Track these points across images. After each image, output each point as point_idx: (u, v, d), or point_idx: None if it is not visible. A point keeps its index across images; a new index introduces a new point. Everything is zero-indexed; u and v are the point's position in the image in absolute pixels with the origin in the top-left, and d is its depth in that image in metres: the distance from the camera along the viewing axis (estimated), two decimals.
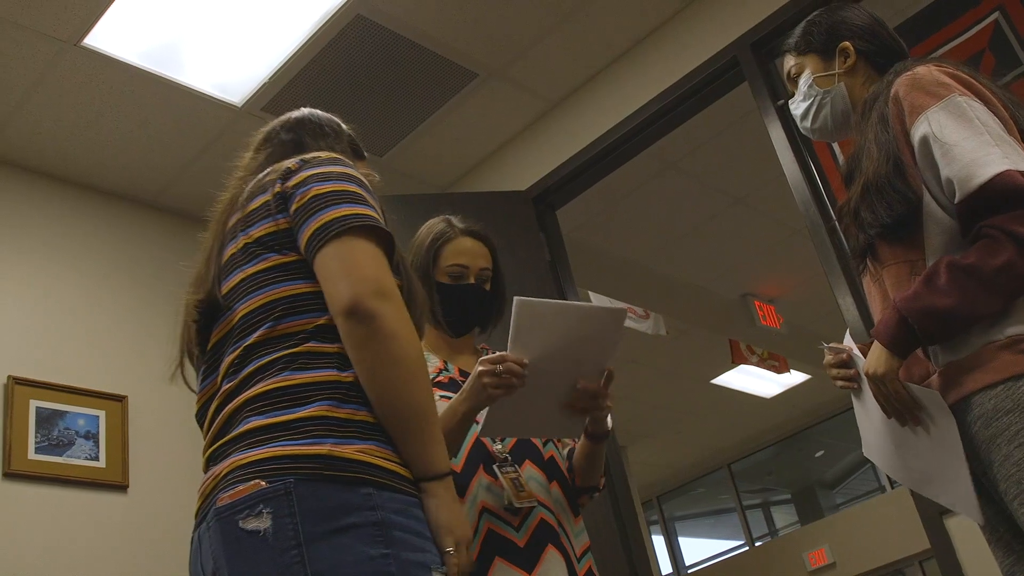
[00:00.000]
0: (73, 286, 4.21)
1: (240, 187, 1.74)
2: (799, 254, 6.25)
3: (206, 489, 1.50)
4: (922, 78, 1.83)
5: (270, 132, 1.87)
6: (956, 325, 1.70)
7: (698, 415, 9.74)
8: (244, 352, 1.53)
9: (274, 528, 1.36)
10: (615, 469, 3.97)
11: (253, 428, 1.46)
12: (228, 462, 1.46)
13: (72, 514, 3.72)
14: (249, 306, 1.56)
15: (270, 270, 1.57)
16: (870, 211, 1.83)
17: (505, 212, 4.30)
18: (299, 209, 1.57)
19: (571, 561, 2.01)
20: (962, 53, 3.25)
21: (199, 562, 1.48)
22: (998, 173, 1.66)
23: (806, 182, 3.50)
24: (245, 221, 1.63)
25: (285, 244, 1.58)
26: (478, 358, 2.25)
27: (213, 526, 1.42)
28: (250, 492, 1.39)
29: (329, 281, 1.50)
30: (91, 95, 3.96)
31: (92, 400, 3.95)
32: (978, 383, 1.69)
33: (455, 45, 4.12)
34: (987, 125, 1.73)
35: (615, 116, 4.31)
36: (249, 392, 1.50)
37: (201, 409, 1.63)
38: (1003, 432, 1.65)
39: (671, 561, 12.48)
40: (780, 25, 3.69)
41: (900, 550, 9.69)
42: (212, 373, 1.61)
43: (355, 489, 1.39)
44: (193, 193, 4.61)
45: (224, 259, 1.64)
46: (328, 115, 1.90)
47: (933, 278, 1.70)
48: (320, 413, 1.45)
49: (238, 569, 1.38)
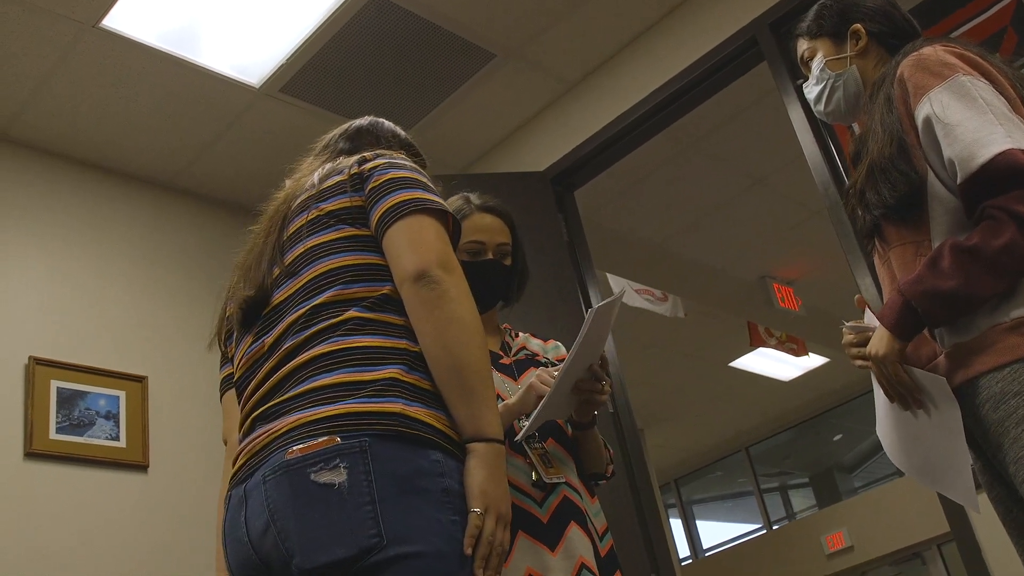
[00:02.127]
0: (93, 268, 4.23)
1: (298, 184, 1.80)
2: (818, 236, 6.22)
3: (257, 445, 1.51)
4: (927, 58, 1.81)
5: (329, 140, 1.95)
6: (960, 307, 1.69)
7: (716, 398, 9.74)
8: (312, 311, 1.57)
9: (350, 483, 1.39)
10: (634, 452, 3.97)
11: (323, 386, 1.49)
12: (292, 418, 1.48)
13: (93, 494, 3.75)
14: (318, 269, 1.61)
15: (342, 240, 1.63)
16: (875, 192, 1.82)
17: (523, 193, 4.30)
18: (375, 189, 1.65)
19: (594, 540, 2.02)
20: (984, 31, 3.22)
21: (242, 516, 1.49)
22: (1000, 152, 1.64)
23: (825, 162, 3.48)
24: (319, 196, 1.70)
25: (358, 219, 1.65)
26: (501, 337, 2.27)
27: (279, 479, 1.43)
28: (326, 447, 1.41)
29: (398, 251, 1.58)
30: (109, 77, 3.97)
31: (113, 380, 3.98)
32: (985, 365, 1.68)
33: (473, 26, 4.11)
34: (991, 104, 1.72)
35: (633, 97, 4.29)
36: (316, 350, 1.53)
37: (248, 371, 1.65)
38: (1012, 414, 1.64)
39: (689, 544, 12.50)
40: (799, 5, 3.66)
41: (918, 533, 9.68)
42: (264, 335, 1.63)
43: (426, 453, 1.44)
44: (212, 175, 4.62)
45: (288, 235, 1.69)
46: (391, 126, 1.99)
47: (937, 260, 1.69)
48: (391, 375, 1.49)
49: (307, 520, 1.39)
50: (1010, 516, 1.82)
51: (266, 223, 1.77)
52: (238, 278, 1.74)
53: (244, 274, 1.72)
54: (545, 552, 1.93)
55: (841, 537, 10.56)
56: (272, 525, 1.43)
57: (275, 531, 1.42)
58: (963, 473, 1.71)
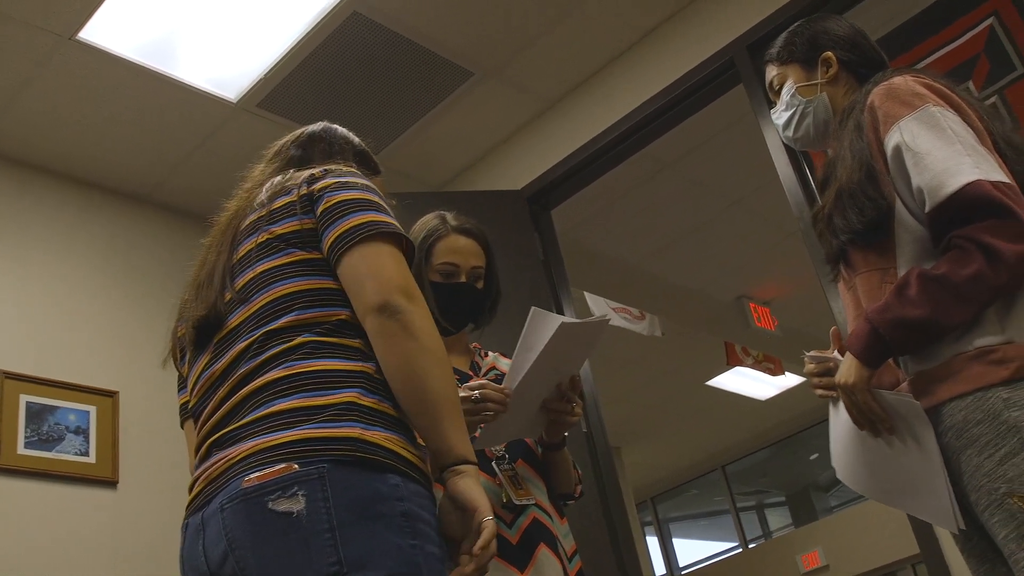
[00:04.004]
0: (66, 281, 4.20)
1: (248, 196, 1.77)
2: (794, 257, 6.23)
3: (214, 472, 1.49)
4: (898, 88, 1.84)
5: (280, 147, 1.91)
6: (927, 335, 1.70)
7: (693, 416, 9.74)
8: (265, 336, 1.55)
9: (308, 511, 1.37)
10: (607, 471, 3.96)
11: (279, 411, 1.47)
12: (249, 444, 1.46)
13: (61, 509, 3.71)
14: (272, 295, 1.58)
15: (294, 264, 1.60)
16: (842, 217, 1.84)
17: (499, 211, 4.30)
18: (326, 211, 1.62)
19: (563, 562, 2.01)
20: (957, 58, 3.25)
21: (200, 545, 1.47)
22: (969, 183, 1.67)
23: (800, 185, 3.50)
24: (269, 218, 1.66)
25: (309, 242, 1.62)
26: (470, 357, 2.27)
27: (236, 507, 1.42)
28: (284, 474, 1.40)
29: (357, 281, 1.55)
30: (85, 90, 3.95)
31: (83, 395, 3.95)
32: (948, 393, 1.70)
33: (451, 44, 4.11)
34: (960, 136, 1.74)
35: (611, 116, 4.30)
36: (271, 375, 1.51)
37: (203, 398, 1.63)
38: (974, 443, 1.66)
39: (665, 562, 12.50)
40: (777, 28, 3.68)
41: (893, 553, 9.71)
42: (215, 361, 1.61)
43: (384, 478, 1.42)
44: (188, 189, 4.60)
45: (237, 258, 1.66)
46: (343, 132, 1.95)
47: (904, 289, 1.70)
48: (349, 399, 1.48)
49: (266, 550, 1.38)
50: (969, 544, 1.83)
51: (217, 237, 1.74)
52: (191, 296, 1.71)
53: (196, 292, 1.70)
54: (515, 574, 1.93)
55: (817, 556, 10.59)
56: (231, 555, 1.41)
57: (233, 561, 1.41)
58: (940, 494, 1.71)
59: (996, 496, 1.62)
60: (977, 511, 1.68)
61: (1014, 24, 3.17)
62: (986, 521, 1.66)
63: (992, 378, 1.65)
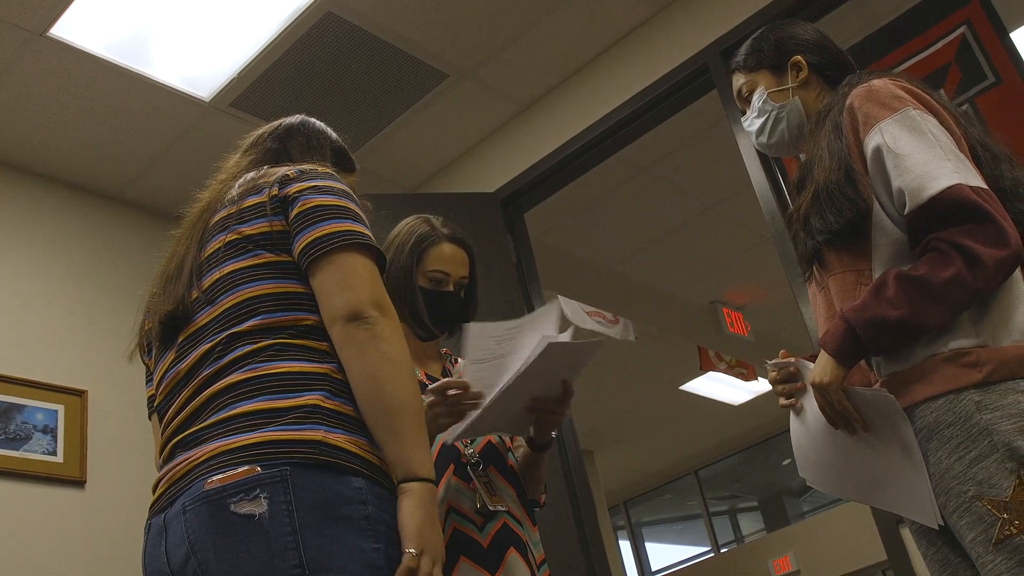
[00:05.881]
0: (35, 279, 4.16)
1: (221, 189, 1.75)
2: (768, 262, 6.24)
3: (177, 474, 1.49)
4: (878, 90, 1.84)
5: (257, 138, 1.89)
6: (904, 336, 1.71)
7: (666, 421, 9.76)
8: (229, 339, 1.54)
9: (271, 513, 1.37)
10: (578, 475, 3.97)
11: (242, 413, 1.46)
12: (212, 446, 1.45)
13: (28, 509, 3.67)
14: (238, 297, 1.57)
15: (262, 267, 1.59)
16: (819, 217, 1.84)
17: (473, 213, 4.29)
18: (301, 215, 1.60)
19: (532, 569, 2.02)
20: (928, 66, 3.28)
21: (162, 547, 1.47)
22: (949, 186, 1.68)
23: (772, 191, 3.52)
24: (239, 217, 1.65)
25: (278, 245, 1.61)
26: (442, 363, 2.28)
27: (198, 509, 1.41)
28: (246, 476, 1.39)
29: (329, 289, 1.55)
30: (56, 87, 3.92)
31: (51, 394, 3.91)
32: (920, 394, 1.70)
33: (426, 45, 4.11)
34: (939, 139, 1.75)
35: (585, 120, 4.31)
36: (233, 377, 1.50)
37: (167, 397, 1.62)
38: (944, 445, 1.66)
39: (637, 566, 12.51)
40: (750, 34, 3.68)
41: (864, 558, 9.75)
42: (180, 361, 1.60)
43: (347, 481, 1.42)
44: (159, 188, 4.57)
45: (205, 255, 1.65)
46: (321, 126, 1.93)
47: (882, 289, 1.71)
48: (313, 402, 1.48)
49: (227, 553, 1.37)
50: (933, 549, 1.83)
51: (187, 230, 1.73)
52: (159, 289, 1.70)
53: (164, 285, 1.68)
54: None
55: (788, 561, 10.63)
56: (192, 557, 1.40)
57: (195, 563, 1.40)
58: (918, 489, 1.71)
59: (965, 499, 1.62)
60: (945, 514, 1.68)
61: (986, 33, 3.20)
62: (954, 524, 1.66)
63: (965, 380, 1.66)
